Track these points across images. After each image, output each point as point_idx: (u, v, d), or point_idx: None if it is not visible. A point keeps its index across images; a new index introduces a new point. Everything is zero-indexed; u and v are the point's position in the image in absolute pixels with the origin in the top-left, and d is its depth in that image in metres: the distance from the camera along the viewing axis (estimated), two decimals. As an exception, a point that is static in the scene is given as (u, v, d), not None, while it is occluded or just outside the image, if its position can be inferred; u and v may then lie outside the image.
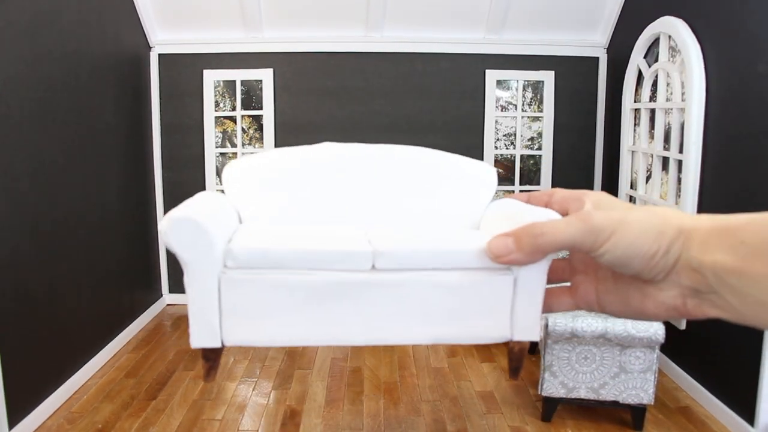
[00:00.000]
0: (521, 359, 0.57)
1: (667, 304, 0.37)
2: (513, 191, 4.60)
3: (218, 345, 0.64)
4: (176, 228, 0.65)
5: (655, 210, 0.38)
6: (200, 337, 0.68)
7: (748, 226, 0.33)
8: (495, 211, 0.75)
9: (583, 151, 4.62)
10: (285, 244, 0.70)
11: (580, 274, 0.45)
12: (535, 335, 0.54)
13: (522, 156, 4.62)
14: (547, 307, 0.48)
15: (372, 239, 0.64)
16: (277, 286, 0.69)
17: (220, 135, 4.60)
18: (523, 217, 0.44)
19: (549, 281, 0.49)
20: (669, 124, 3.46)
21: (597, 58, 4.51)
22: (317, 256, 0.67)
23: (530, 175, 4.64)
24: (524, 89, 4.58)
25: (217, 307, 0.70)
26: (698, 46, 3.12)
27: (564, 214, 0.44)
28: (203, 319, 0.69)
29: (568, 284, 0.46)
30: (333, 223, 0.78)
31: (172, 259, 4.50)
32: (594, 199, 0.42)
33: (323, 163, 0.85)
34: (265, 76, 4.48)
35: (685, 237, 0.35)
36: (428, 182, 0.85)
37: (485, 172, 0.86)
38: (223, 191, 0.78)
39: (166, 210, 4.61)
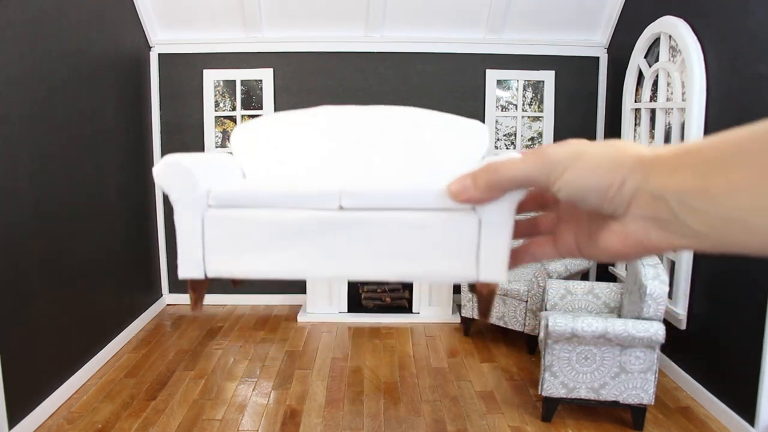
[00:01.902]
0: (490, 301, 0.58)
1: (632, 238, 0.36)
2: (513, 191, 4.59)
3: (202, 276, 0.72)
4: (166, 170, 0.74)
5: (613, 142, 0.37)
6: (187, 269, 0.75)
7: (710, 145, 0.32)
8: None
9: (584, 151, 4.62)
10: (261, 186, 0.77)
11: (563, 223, 0.45)
12: (502, 277, 0.54)
13: (522, 156, 4.62)
14: (531, 256, 0.48)
15: (347, 182, 0.68)
16: (253, 223, 0.75)
17: (220, 135, 4.59)
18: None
19: (538, 233, 0.49)
20: (669, 124, 3.46)
21: (597, 58, 4.51)
22: (289, 196, 0.74)
23: (530, 175, 4.64)
24: (524, 89, 4.58)
25: (200, 243, 0.78)
26: (699, 46, 3.12)
27: None
28: (189, 253, 0.76)
29: (552, 235, 0.47)
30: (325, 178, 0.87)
31: (172, 259, 4.51)
32: (564, 143, 0.40)
33: (320, 125, 0.93)
34: (265, 75, 4.48)
35: (643, 167, 0.34)
36: (422, 141, 0.90)
37: (476, 129, 0.92)
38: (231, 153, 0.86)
39: (166, 209, 4.62)
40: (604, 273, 4.41)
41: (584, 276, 4.32)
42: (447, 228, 0.58)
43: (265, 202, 0.70)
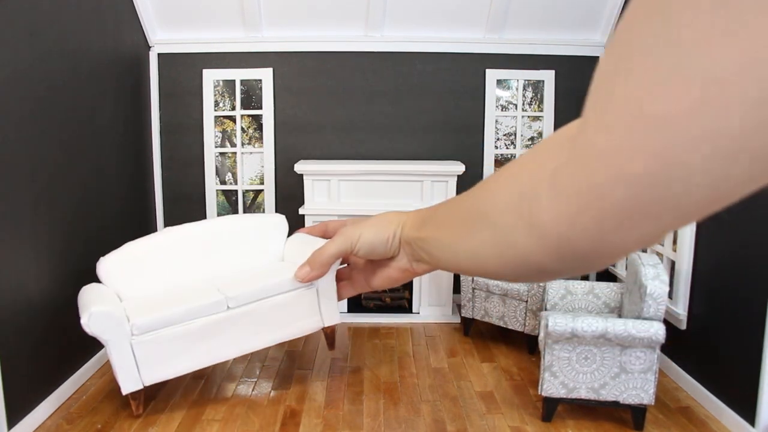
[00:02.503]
0: (333, 336, 1.67)
1: (403, 268, 0.56)
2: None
3: (140, 387, 1.43)
4: (97, 319, 1.59)
5: (385, 214, 0.58)
6: (128, 385, 1.58)
7: (429, 209, 0.52)
8: (292, 243, 1.86)
9: (584, 151, 4.61)
10: (168, 309, 1.51)
11: (354, 271, 0.66)
12: (337, 319, 1.53)
13: (522, 156, 4.61)
14: (340, 297, 0.69)
15: (221, 288, 1.12)
16: (171, 336, 1.48)
17: (220, 134, 4.59)
18: (311, 248, 0.64)
19: (345, 280, 0.70)
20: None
21: (597, 58, 4.50)
22: (191, 311, 1.46)
23: (530, 175, 4.64)
24: (524, 89, 4.57)
25: (134, 362, 1.55)
26: (699, 46, 3.11)
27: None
28: (127, 372, 1.51)
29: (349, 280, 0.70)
30: (186, 286, 1.52)
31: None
32: (349, 222, 0.63)
33: (168, 245, 1.70)
34: (265, 75, 4.48)
35: (402, 225, 0.55)
36: (242, 239, 1.86)
37: (277, 221, 2.02)
38: (100, 281, 1.54)
39: (165, 209, 4.61)
40: (605, 273, 4.41)
41: (584, 276, 4.31)
42: (299, 300, 1.02)
43: (175, 320, 1.25)
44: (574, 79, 4.53)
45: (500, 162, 4.63)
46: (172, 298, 2.79)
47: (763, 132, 0.22)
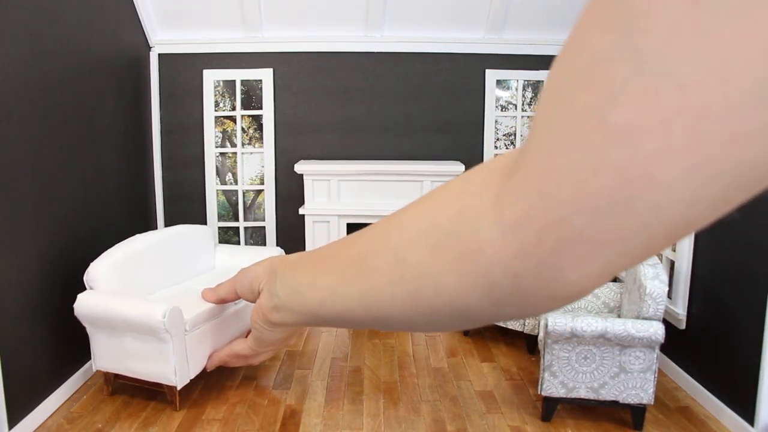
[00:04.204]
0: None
1: (256, 319, 0.53)
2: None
3: (187, 381, 2.52)
4: (171, 316, 2.51)
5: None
6: (182, 381, 2.63)
7: (310, 250, 0.49)
8: (221, 254, 3.78)
9: (583, 151, 4.61)
10: (200, 308, 2.77)
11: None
12: None
13: (522, 156, 4.62)
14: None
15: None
16: (206, 331, 2.71)
17: (220, 135, 4.59)
18: (239, 258, 0.91)
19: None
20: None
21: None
22: (218, 309, 2.64)
23: (530, 175, 4.64)
24: (524, 89, 4.58)
25: (186, 359, 2.65)
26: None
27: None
28: (182, 369, 2.60)
29: None
30: (170, 286, 1.80)
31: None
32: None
33: (150, 247, 2.47)
34: (265, 75, 4.48)
35: (280, 260, 0.50)
36: (186, 247, 3.02)
37: (204, 230, 3.64)
38: (91, 287, 2.20)
39: (165, 209, 4.62)
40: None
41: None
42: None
43: (215, 314, 1.96)
44: (573, 79, 4.52)
45: (500, 162, 4.63)
46: (177, 299, 3.02)
47: (743, 141, 0.20)
